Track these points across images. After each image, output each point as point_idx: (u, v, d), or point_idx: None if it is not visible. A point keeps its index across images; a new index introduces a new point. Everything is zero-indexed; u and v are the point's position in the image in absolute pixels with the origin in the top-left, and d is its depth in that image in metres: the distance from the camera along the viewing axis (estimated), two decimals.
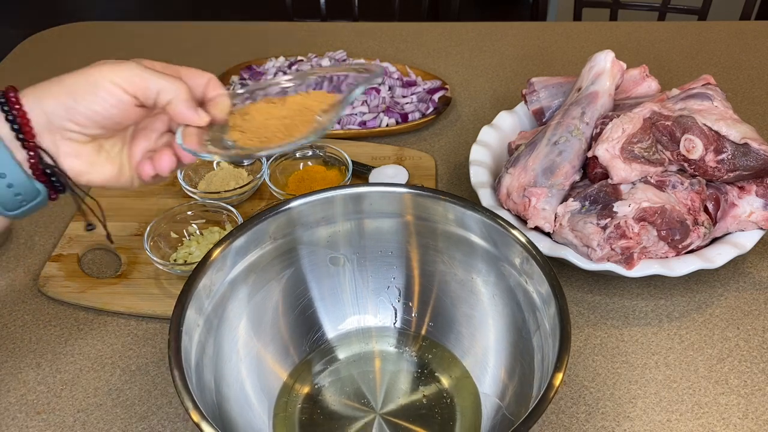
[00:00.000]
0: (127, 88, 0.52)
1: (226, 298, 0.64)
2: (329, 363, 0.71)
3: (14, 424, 0.68)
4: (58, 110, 0.51)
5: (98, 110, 0.52)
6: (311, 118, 0.59)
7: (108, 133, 0.55)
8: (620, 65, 0.85)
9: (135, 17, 3.08)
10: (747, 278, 0.81)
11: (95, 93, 0.52)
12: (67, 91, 0.51)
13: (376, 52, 1.23)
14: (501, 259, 0.66)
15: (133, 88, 0.52)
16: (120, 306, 0.77)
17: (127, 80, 0.52)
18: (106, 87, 0.52)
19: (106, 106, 0.52)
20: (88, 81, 0.52)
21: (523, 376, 0.63)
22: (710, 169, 0.76)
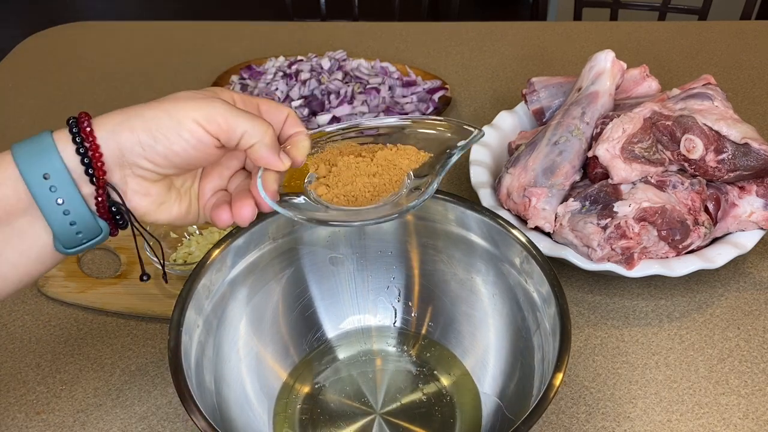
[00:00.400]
0: (211, 129, 0.48)
1: (225, 299, 0.64)
2: (329, 363, 0.71)
3: (14, 424, 0.68)
4: (135, 147, 0.47)
5: (178, 151, 0.48)
6: (401, 178, 0.56)
7: (181, 172, 0.50)
8: (620, 65, 0.85)
9: (135, 17, 3.08)
10: (747, 278, 0.81)
11: (178, 133, 0.47)
12: (147, 127, 0.47)
13: (376, 52, 1.23)
14: (501, 258, 0.66)
15: (216, 129, 0.48)
16: (120, 306, 0.77)
17: (211, 120, 0.47)
18: (189, 127, 0.47)
19: (186, 147, 0.48)
20: (170, 118, 0.47)
21: (523, 375, 0.63)
22: (711, 169, 0.76)
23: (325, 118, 1.03)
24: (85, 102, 1.12)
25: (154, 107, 0.47)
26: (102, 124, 0.47)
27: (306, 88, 1.07)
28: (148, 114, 0.47)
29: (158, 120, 0.47)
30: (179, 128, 0.47)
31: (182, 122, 0.47)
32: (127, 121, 0.47)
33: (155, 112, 0.47)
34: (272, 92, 1.07)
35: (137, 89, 1.15)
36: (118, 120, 0.47)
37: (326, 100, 1.06)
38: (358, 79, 1.10)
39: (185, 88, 0.53)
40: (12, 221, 0.46)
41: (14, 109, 1.12)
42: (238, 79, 1.12)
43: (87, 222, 0.48)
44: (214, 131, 0.48)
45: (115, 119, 0.47)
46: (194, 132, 0.47)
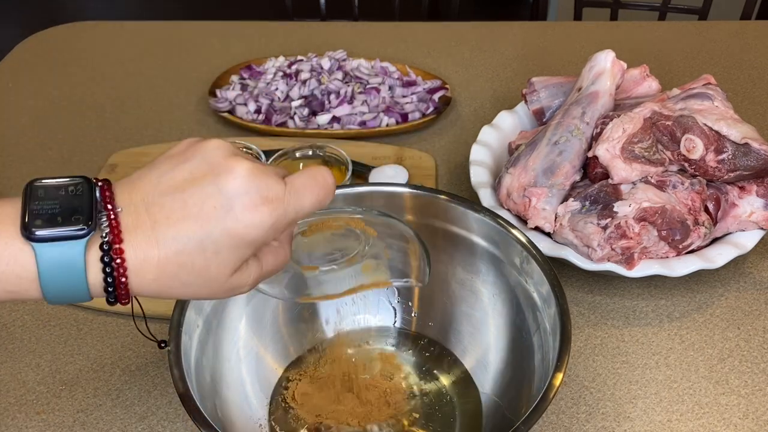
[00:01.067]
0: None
1: (225, 298, 0.64)
2: (330, 362, 0.71)
3: (14, 424, 0.68)
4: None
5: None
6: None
7: None
8: (621, 65, 0.85)
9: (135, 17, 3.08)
10: (748, 278, 0.81)
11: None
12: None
13: (376, 52, 1.23)
14: (501, 258, 0.66)
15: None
16: (120, 306, 0.77)
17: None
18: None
19: None
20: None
21: (523, 375, 0.63)
22: (711, 169, 0.76)
23: (325, 118, 1.03)
24: (85, 102, 1.12)
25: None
26: (132, 241, 0.43)
27: (306, 88, 1.07)
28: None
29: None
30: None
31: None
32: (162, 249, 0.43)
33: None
34: (272, 92, 1.07)
35: (137, 89, 1.15)
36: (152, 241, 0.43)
37: (326, 100, 1.06)
38: (358, 79, 1.10)
39: (185, 87, 0.52)
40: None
41: (14, 109, 1.12)
42: (238, 79, 1.12)
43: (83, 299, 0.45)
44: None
45: (148, 236, 0.43)
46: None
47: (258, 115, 1.05)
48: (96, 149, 1.02)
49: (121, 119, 1.09)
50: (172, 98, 1.12)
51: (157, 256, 0.43)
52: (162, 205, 0.43)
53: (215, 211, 0.43)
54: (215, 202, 0.43)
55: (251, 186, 0.43)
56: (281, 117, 1.04)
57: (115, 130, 1.06)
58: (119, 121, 1.08)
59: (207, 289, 0.45)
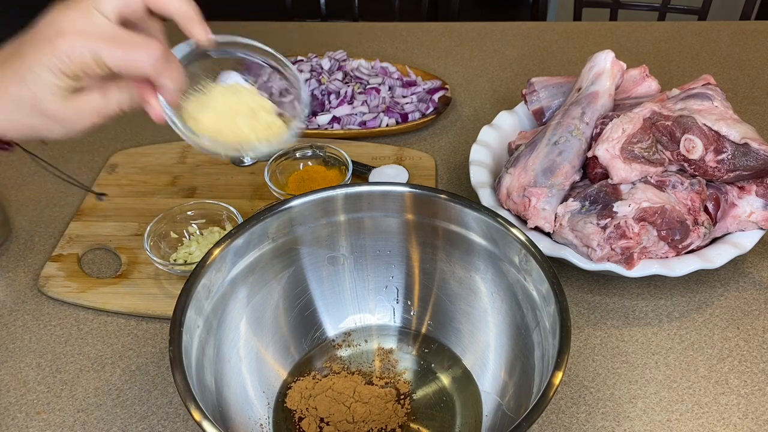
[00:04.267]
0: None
1: (225, 298, 0.64)
2: (329, 362, 0.71)
3: (14, 424, 0.68)
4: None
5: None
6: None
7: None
8: (620, 65, 0.85)
9: None
10: (747, 278, 0.81)
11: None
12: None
13: (376, 52, 1.23)
14: (500, 257, 0.66)
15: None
16: (120, 306, 0.77)
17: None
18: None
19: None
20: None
21: (524, 373, 0.63)
22: (710, 169, 0.76)
23: (325, 118, 1.03)
24: None
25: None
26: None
27: (306, 88, 1.07)
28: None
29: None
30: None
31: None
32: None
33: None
34: None
35: None
36: None
37: (326, 100, 1.06)
38: (358, 79, 1.10)
39: None
40: None
41: None
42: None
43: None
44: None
45: None
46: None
47: None
48: (96, 149, 1.03)
49: (121, 119, 1.08)
50: None
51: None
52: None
53: (31, 45, 0.50)
54: (34, 38, 0.50)
55: (69, 20, 0.50)
56: None
57: (115, 130, 1.06)
58: (119, 121, 1.08)
59: (46, 119, 0.52)
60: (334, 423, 0.64)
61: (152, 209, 0.89)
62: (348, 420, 0.65)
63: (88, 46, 0.49)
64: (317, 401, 0.66)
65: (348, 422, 0.64)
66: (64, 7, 0.50)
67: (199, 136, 0.58)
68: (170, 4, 0.52)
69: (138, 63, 0.51)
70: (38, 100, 0.50)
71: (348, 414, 0.65)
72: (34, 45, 0.50)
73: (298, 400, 0.66)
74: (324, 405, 0.66)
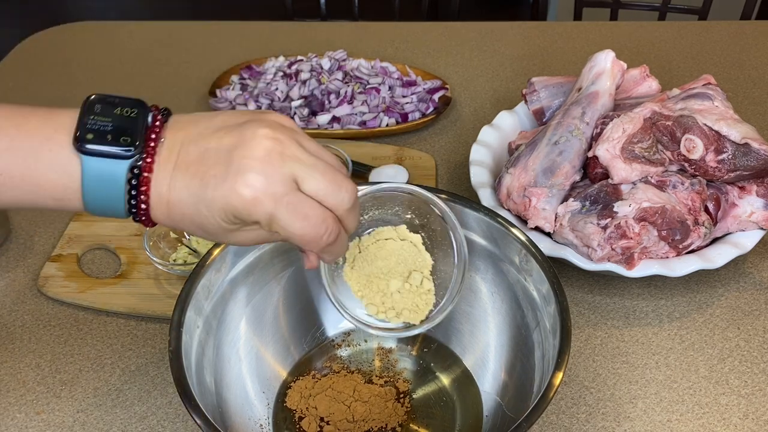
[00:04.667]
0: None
1: (225, 299, 0.64)
2: (329, 361, 0.71)
3: (14, 424, 0.68)
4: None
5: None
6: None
7: None
8: (621, 65, 0.85)
9: (135, 17, 3.08)
10: (747, 278, 0.81)
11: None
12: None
13: (376, 52, 1.23)
14: (501, 257, 0.66)
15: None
16: (119, 306, 0.77)
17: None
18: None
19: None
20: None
21: (524, 373, 0.63)
22: (711, 169, 0.76)
23: (325, 118, 1.03)
24: None
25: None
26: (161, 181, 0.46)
27: (306, 88, 1.07)
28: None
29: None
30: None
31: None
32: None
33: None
34: (272, 92, 1.07)
35: (137, 89, 1.15)
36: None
37: (326, 100, 1.06)
38: (358, 79, 1.10)
39: (185, 87, 0.53)
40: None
41: None
42: (238, 79, 1.12)
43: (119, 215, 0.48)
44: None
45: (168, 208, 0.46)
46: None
47: None
48: None
49: None
50: (172, 98, 1.12)
51: (167, 196, 0.46)
52: (188, 152, 0.46)
53: (213, 178, 0.45)
54: (218, 170, 0.45)
55: (252, 168, 0.45)
56: None
57: None
58: None
59: (207, 237, 0.49)
60: (334, 422, 0.64)
61: None
62: (348, 419, 0.64)
63: (274, 214, 0.45)
64: (317, 401, 0.66)
65: (348, 421, 0.64)
66: (266, 150, 0.45)
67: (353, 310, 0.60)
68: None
69: (315, 244, 0.48)
70: (203, 225, 0.47)
71: (348, 413, 0.65)
72: (219, 178, 0.45)
73: (298, 399, 0.66)
74: (324, 404, 0.65)
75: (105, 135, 0.45)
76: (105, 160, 0.45)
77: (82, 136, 0.45)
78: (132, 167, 0.45)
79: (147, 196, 0.46)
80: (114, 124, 0.45)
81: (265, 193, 0.45)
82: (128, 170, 0.45)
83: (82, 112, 0.46)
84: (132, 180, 0.45)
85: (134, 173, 0.45)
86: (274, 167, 0.45)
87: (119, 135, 0.45)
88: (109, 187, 0.45)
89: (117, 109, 0.46)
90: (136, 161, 0.45)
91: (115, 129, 0.45)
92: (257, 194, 0.45)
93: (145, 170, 0.45)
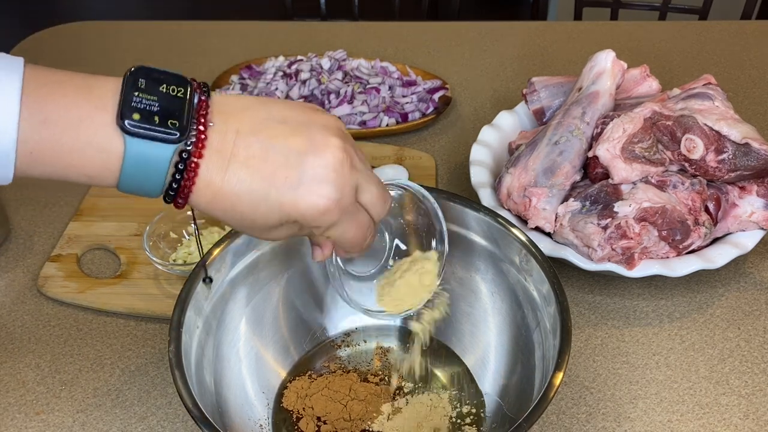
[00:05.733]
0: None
1: (225, 299, 0.64)
2: (329, 361, 0.71)
3: (13, 424, 0.67)
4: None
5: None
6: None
7: None
8: (621, 65, 0.85)
9: (135, 17, 3.08)
10: (748, 278, 0.81)
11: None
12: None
13: (376, 52, 1.23)
14: (501, 257, 0.66)
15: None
16: (119, 306, 0.77)
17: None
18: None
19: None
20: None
21: (524, 374, 0.63)
22: (711, 169, 0.76)
23: None
24: None
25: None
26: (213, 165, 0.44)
27: (306, 88, 1.07)
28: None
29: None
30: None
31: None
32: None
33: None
34: (272, 92, 1.07)
35: None
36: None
37: (326, 100, 1.06)
38: (358, 79, 1.10)
39: None
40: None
41: None
42: (238, 79, 1.12)
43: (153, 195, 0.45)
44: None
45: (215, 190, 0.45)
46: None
47: None
48: None
49: None
50: None
51: (219, 186, 0.44)
52: (248, 145, 0.44)
53: (284, 181, 0.44)
54: (289, 173, 0.44)
55: (328, 179, 0.45)
56: None
57: None
58: None
59: (246, 230, 0.48)
60: (331, 421, 0.64)
61: (152, 209, 0.89)
62: (345, 418, 0.65)
63: (336, 223, 0.47)
64: (313, 400, 0.66)
65: (345, 420, 0.64)
66: (340, 161, 0.46)
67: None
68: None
69: (358, 247, 0.51)
70: (252, 220, 0.46)
71: (345, 412, 0.65)
72: (292, 182, 0.45)
73: (295, 399, 0.66)
74: (320, 404, 0.66)
75: (152, 116, 0.42)
76: (150, 142, 0.42)
77: (128, 115, 0.42)
78: (180, 151, 0.43)
79: (193, 182, 0.44)
80: (161, 104, 0.43)
81: (338, 204, 0.46)
82: (175, 154, 0.43)
83: (125, 86, 0.43)
84: (179, 164, 0.43)
85: (182, 157, 0.43)
86: (345, 179, 0.46)
87: (167, 117, 0.42)
88: (151, 168, 0.43)
89: (162, 86, 0.43)
90: (185, 146, 0.43)
91: (162, 110, 0.42)
92: (330, 205, 0.45)
93: (194, 155, 0.43)
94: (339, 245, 0.50)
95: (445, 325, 0.72)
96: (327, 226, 0.47)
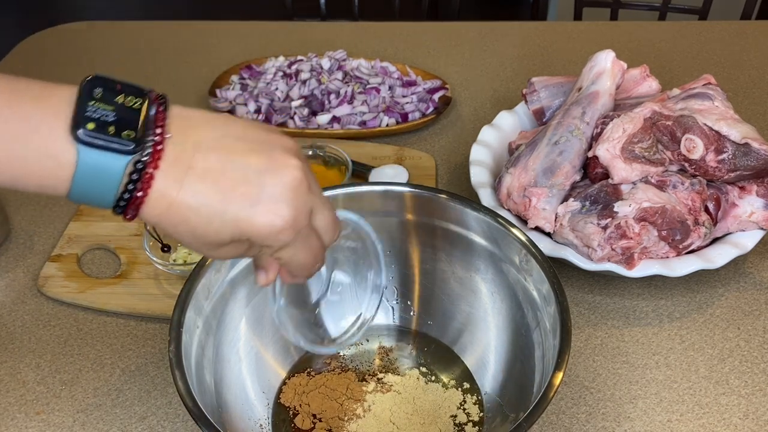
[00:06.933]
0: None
1: (225, 299, 0.64)
2: (330, 359, 0.71)
3: (14, 424, 0.68)
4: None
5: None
6: None
7: None
8: (621, 65, 0.85)
9: (135, 17, 3.08)
10: (748, 278, 0.81)
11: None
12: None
13: (376, 52, 1.23)
14: (501, 257, 0.66)
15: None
16: (119, 306, 0.77)
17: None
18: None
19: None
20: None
21: (524, 374, 0.63)
22: (711, 169, 0.76)
23: (325, 118, 1.03)
24: None
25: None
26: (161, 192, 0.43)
27: (306, 88, 1.07)
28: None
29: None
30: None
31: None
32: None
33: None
34: (272, 92, 1.07)
35: None
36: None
37: (326, 100, 1.06)
38: (358, 79, 1.10)
39: (185, 87, 0.52)
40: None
41: None
42: (238, 79, 1.12)
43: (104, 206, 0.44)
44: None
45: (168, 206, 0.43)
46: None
47: (258, 115, 1.05)
48: None
49: None
50: (172, 98, 1.11)
51: (174, 198, 0.43)
52: (207, 159, 0.44)
53: (242, 197, 0.44)
54: (247, 190, 0.44)
55: (286, 199, 0.44)
56: (281, 117, 1.04)
57: None
58: None
59: (194, 246, 0.46)
60: (326, 419, 0.64)
61: None
62: (340, 416, 0.65)
63: (289, 244, 0.46)
64: (310, 397, 0.66)
65: (340, 419, 0.64)
66: (298, 181, 0.45)
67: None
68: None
69: (307, 271, 0.50)
70: (202, 235, 0.45)
71: (340, 411, 0.65)
72: (249, 199, 0.44)
73: (292, 396, 0.67)
74: (317, 401, 0.66)
75: (107, 126, 0.42)
76: (104, 152, 0.42)
77: (82, 124, 0.41)
78: (135, 161, 0.42)
79: (146, 193, 0.43)
80: (117, 115, 0.42)
81: (293, 225, 0.45)
82: (130, 165, 0.42)
83: (80, 95, 0.42)
84: (133, 174, 0.42)
85: (136, 168, 0.42)
86: (303, 201, 0.45)
87: (122, 128, 0.42)
88: (104, 179, 0.42)
89: (119, 96, 0.43)
90: (140, 156, 0.42)
91: (117, 120, 0.42)
92: (286, 224, 0.45)
93: (150, 166, 0.43)
94: (288, 268, 0.49)
95: (445, 325, 0.72)
96: (279, 246, 0.46)
